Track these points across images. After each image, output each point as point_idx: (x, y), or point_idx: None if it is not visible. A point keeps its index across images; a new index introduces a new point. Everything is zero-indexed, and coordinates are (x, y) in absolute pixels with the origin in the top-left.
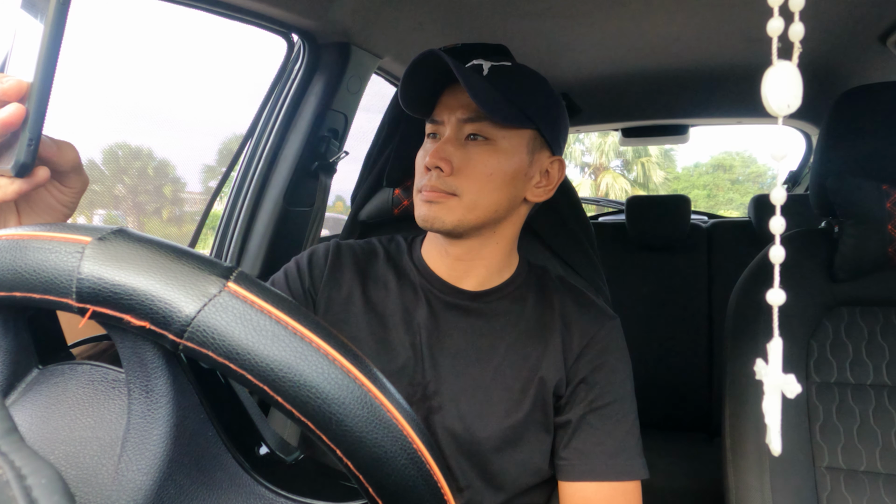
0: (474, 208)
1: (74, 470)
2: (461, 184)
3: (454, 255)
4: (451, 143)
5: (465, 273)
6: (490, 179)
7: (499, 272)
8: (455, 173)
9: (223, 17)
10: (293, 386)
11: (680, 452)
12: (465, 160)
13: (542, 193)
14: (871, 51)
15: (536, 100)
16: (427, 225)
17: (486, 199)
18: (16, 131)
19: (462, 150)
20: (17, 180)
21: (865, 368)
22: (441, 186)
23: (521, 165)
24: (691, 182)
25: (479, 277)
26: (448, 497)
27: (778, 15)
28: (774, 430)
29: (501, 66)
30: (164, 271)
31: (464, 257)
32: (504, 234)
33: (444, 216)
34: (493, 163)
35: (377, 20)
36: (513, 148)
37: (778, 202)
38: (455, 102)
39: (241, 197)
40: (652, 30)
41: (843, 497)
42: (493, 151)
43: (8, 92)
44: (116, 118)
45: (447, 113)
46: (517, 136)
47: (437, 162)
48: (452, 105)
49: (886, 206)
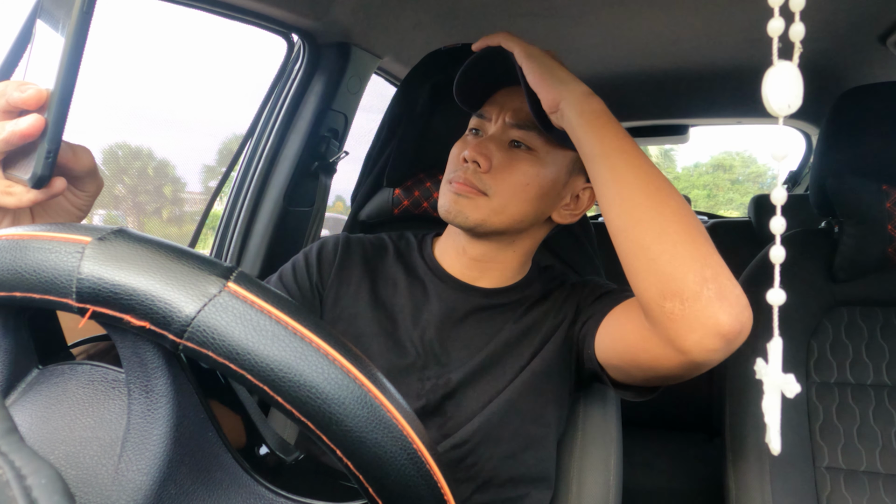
0: (501, 213)
1: (74, 470)
2: (495, 185)
3: (471, 256)
4: (494, 141)
5: (480, 274)
6: (525, 189)
7: (512, 277)
8: (492, 172)
9: (223, 17)
10: (293, 386)
11: (680, 452)
12: (506, 163)
13: (568, 216)
14: (871, 51)
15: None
16: (450, 217)
17: (515, 208)
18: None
19: (504, 152)
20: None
21: (865, 368)
22: (474, 181)
23: (557, 184)
24: (691, 182)
25: (493, 279)
26: (448, 497)
27: (778, 15)
28: (774, 430)
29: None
30: (165, 271)
31: (480, 259)
32: (522, 245)
33: (469, 212)
34: (532, 173)
35: (377, 20)
36: (552, 164)
37: (778, 202)
38: (508, 104)
39: (241, 197)
40: (652, 30)
41: (844, 497)
42: (534, 162)
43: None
44: (116, 118)
45: (497, 111)
46: (561, 155)
47: (477, 156)
48: (505, 105)
49: (886, 206)
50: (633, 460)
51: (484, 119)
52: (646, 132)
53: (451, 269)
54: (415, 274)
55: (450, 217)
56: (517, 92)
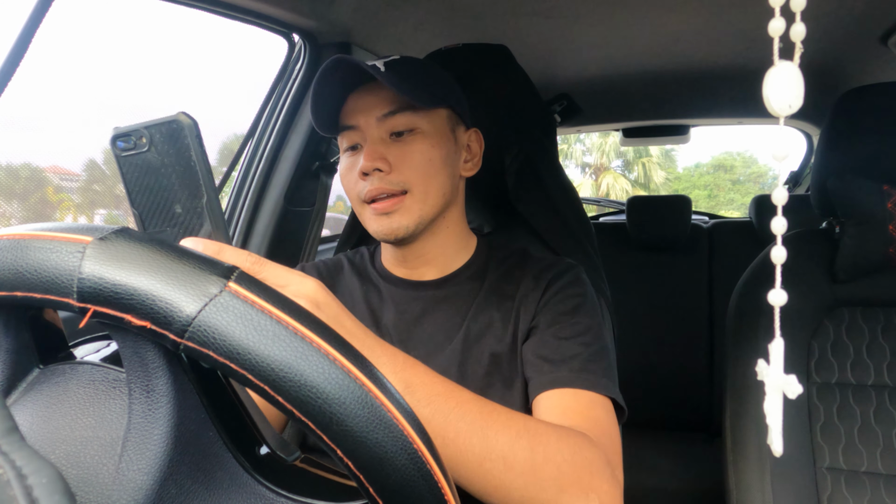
0: (426, 199)
1: (75, 469)
2: (406, 178)
3: (409, 257)
4: (378, 142)
5: (425, 266)
6: (431, 165)
7: (456, 255)
8: (395, 169)
9: (224, 17)
10: (294, 386)
11: (680, 452)
12: (401, 153)
13: (471, 167)
14: (872, 51)
15: (436, 79)
16: (390, 237)
17: (434, 188)
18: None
19: (393, 145)
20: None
21: (866, 369)
22: (388, 187)
23: (450, 143)
24: (692, 182)
25: (438, 266)
26: (448, 497)
27: (779, 15)
28: (776, 431)
29: (394, 60)
30: (165, 271)
31: (419, 254)
32: (452, 217)
33: (404, 221)
34: (427, 148)
35: (377, 20)
36: (437, 130)
37: (780, 203)
38: (367, 104)
39: (242, 197)
40: (653, 30)
41: (844, 497)
42: (423, 137)
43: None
44: (116, 118)
45: (362, 116)
46: (436, 118)
47: (375, 163)
48: (365, 107)
49: (887, 206)
50: (633, 460)
51: (354, 130)
52: (646, 132)
53: (399, 272)
54: (369, 283)
55: (390, 237)
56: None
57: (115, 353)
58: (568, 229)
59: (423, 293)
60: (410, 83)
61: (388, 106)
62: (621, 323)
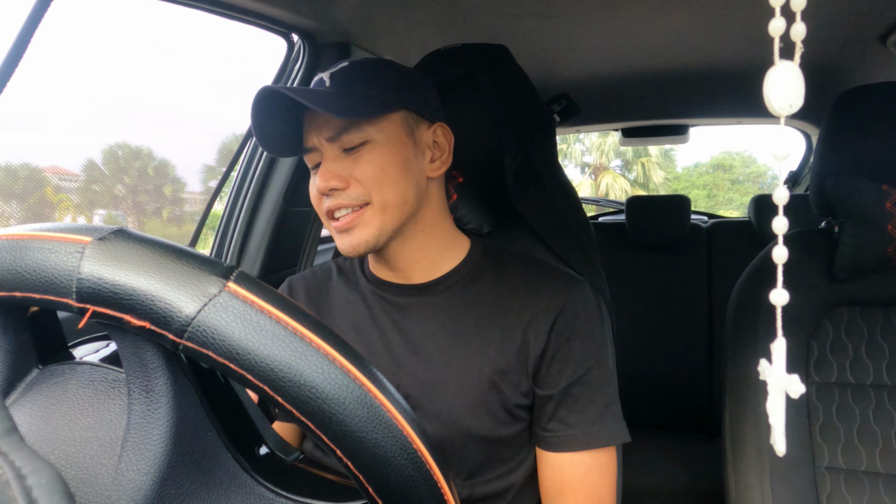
0: (385, 209)
1: (74, 470)
2: (363, 190)
3: (391, 261)
4: (332, 161)
5: (411, 269)
6: (385, 174)
7: (443, 257)
8: (352, 184)
9: (223, 17)
10: (293, 386)
11: (680, 452)
12: (353, 168)
13: (440, 165)
14: (871, 51)
15: (387, 82)
16: (352, 253)
17: (393, 195)
18: None
19: (346, 160)
20: None
21: (865, 368)
22: (347, 202)
23: (407, 148)
24: (691, 182)
25: (425, 269)
26: (448, 497)
27: (779, 15)
28: (779, 431)
29: (341, 69)
30: (165, 271)
31: (398, 259)
32: (427, 220)
33: (363, 236)
34: (379, 158)
35: (377, 20)
36: (389, 137)
37: (781, 202)
38: (317, 124)
39: (241, 197)
40: (652, 30)
41: (843, 497)
42: (374, 147)
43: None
44: (116, 118)
45: (314, 138)
46: (388, 124)
47: (330, 183)
48: (316, 127)
49: (886, 206)
50: (633, 460)
51: (313, 151)
52: (646, 132)
53: (386, 276)
54: (357, 290)
55: (352, 252)
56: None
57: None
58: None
59: (412, 296)
60: (353, 95)
61: (336, 124)
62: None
